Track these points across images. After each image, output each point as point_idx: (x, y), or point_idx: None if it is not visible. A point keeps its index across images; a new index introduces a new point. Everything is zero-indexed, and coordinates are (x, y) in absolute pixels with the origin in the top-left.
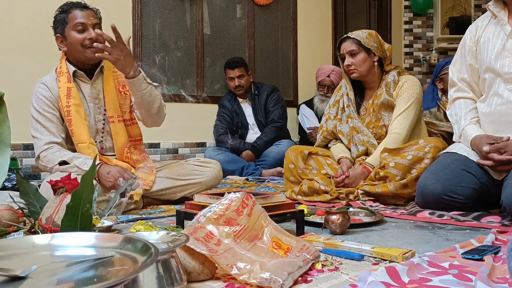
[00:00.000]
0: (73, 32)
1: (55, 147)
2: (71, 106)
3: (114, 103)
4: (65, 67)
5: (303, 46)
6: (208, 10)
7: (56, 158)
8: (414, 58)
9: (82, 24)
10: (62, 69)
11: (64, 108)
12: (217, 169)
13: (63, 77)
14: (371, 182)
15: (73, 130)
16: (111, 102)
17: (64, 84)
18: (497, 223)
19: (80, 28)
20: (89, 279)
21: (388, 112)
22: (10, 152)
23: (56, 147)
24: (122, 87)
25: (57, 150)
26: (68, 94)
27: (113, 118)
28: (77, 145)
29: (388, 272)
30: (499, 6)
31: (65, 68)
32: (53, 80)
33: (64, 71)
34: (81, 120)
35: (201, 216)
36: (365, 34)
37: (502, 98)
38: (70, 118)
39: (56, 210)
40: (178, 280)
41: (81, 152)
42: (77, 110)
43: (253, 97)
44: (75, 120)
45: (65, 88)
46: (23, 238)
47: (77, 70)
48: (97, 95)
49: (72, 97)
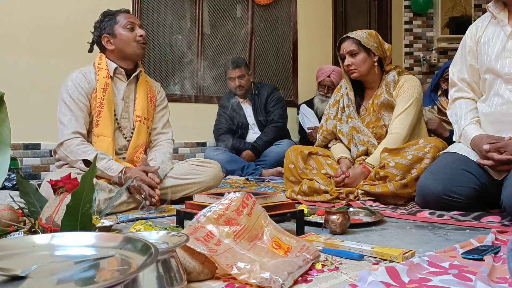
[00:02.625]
0: (123, 30)
1: (79, 138)
2: (105, 100)
3: (143, 107)
4: (105, 64)
5: (303, 46)
6: (208, 10)
7: (80, 153)
8: (414, 58)
9: (132, 23)
10: (101, 65)
11: (98, 100)
12: (217, 169)
13: (102, 72)
14: (371, 182)
15: (99, 122)
16: (141, 105)
17: (103, 79)
18: (497, 223)
19: (130, 27)
20: (89, 279)
21: (388, 112)
22: (10, 151)
23: (80, 139)
24: (152, 97)
25: (81, 142)
26: (105, 88)
27: (140, 118)
28: (98, 136)
29: (388, 272)
30: (499, 7)
31: (105, 65)
32: (92, 73)
33: (103, 67)
34: (110, 115)
35: (201, 216)
36: (365, 34)
37: (503, 98)
38: (101, 110)
39: (56, 210)
40: (178, 280)
41: (99, 145)
42: (109, 105)
43: (253, 97)
44: (105, 115)
45: (103, 82)
46: (23, 238)
47: (118, 67)
48: (129, 95)
49: (107, 92)
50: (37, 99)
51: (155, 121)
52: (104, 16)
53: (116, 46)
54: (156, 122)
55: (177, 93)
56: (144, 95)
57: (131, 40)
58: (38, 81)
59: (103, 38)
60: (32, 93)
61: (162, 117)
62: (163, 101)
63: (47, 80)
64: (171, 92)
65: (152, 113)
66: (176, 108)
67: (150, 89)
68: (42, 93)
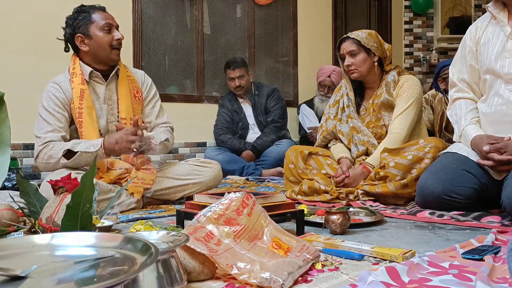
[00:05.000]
0: (100, 32)
1: (50, 144)
2: (83, 108)
3: (128, 106)
4: (79, 68)
5: (303, 46)
6: (208, 10)
7: (57, 151)
8: (414, 58)
9: (110, 25)
10: (75, 70)
11: (76, 110)
12: (217, 169)
13: (77, 78)
14: (371, 182)
15: (82, 132)
16: (124, 105)
17: (78, 86)
18: (497, 223)
19: (108, 29)
20: (89, 279)
21: (388, 112)
22: (10, 151)
23: (52, 143)
24: (137, 92)
25: (54, 145)
26: (81, 95)
27: (126, 121)
28: None
29: (388, 272)
30: (498, 7)
31: (79, 70)
32: (66, 81)
33: (77, 72)
34: (92, 122)
35: (201, 216)
36: (365, 34)
37: (503, 98)
38: (81, 120)
39: (56, 210)
40: (178, 280)
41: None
42: (89, 112)
43: (253, 97)
44: (86, 123)
45: (79, 89)
46: (23, 238)
47: (93, 71)
48: (111, 96)
49: (85, 99)
50: (37, 99)
51: (146, 115)
52: (78, 13)
53: (90, 48)
54: (148, 115)
55: (177, 93)
56: (126, 93)
57: (106, 43)
58: (38, 81)
59: (77, 37)
60: (32, 93)
61: (153, 108)
62: (150, 91)
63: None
64: (171, 92)
65: (140, 109)
66: (176, 108)
67: (132, 84)
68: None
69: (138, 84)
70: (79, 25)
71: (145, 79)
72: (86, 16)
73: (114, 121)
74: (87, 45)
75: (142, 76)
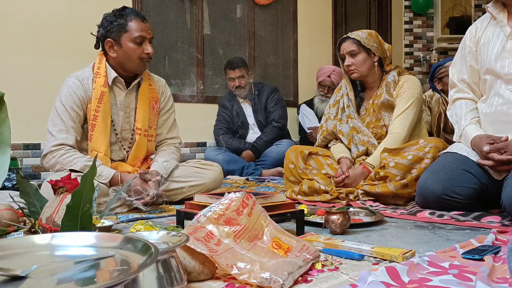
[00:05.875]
0: (131, 43)
1: (63, 149)
2: (99, 112)
3: (144, 117)
4: (104, 69)
5: (303, 46)
6: (208, 10)
7: (66, 163)
8: (414, 58)
9: (143, 38)
10: (100, 71)
11: (92, 111)
12: (218, 171)
13: (100, 79)
14: (371, 182)
15: (93, 136)
16: (141, 115)
17: (99, 87)
18: (497, 223)
19: (140, 42)
20: (89, 279)
21: (388, 112)
22: (10, 151)
23: (64, 149)
24: (155, 103)
25: (65, 152)
26: (101, 98)
27: (140, 131)
28: (92, 151)
29: (388, 272)
30: (498, 8)
31: (104, 71)
32: (89, 79)
33: (102, 73)
34: (104, 128)
35: (201, 216)
36: (365, 34)
37: (503, 98)
38: (95, 124)
39: (56, 210)
40: (178, 280)
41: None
42: (104, 117)
43: (253, 97)
44: (98, 127)
45: (99, 91)
46: (23, 238)
47: (117, 77)
48: (129, 104)
49: (103, 102)
50: (37, 99)
51: (159, 125)
52: (116, 17)
53: (118, 56)
54: (160, 127)
55: (177, 93)
56: (145, 104)
57: (136, 56)
58: (38, 81)
59: (107, 42)
60: (32, 93)
61: (167, 120)
62: (168, 102)
63: (47, 80)
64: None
65: (156, 120)
66: (176, 108)
67: (153, 94)
68: (42, 93)
69: (158, 94)
70: (112, 30)
71: (165, 89)
72: (122, 23)
73: (128, 129)
74: (115, 52)
75: (163, 86)
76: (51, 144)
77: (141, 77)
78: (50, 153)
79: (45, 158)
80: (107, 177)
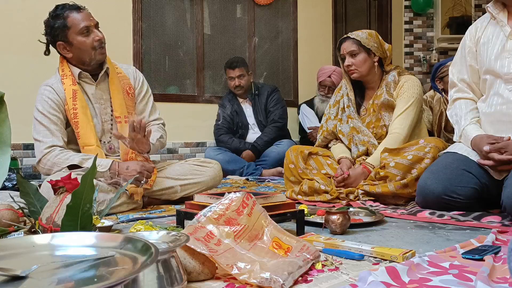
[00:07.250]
0: (79, 36)
1: (57, 149)
2: (77, 109)
3: (121, 104)
4: (68, 69)
5: (303, 46)
6: (208, 10)
7: (62, 161)
8: (414, 58)
9: (87, 27)
10: (65, 72)
11: (70, 110)
12: (217, 169)
13: (67, 79)
14: (371, 182)
15: (79, 133)
16: (118, 103)
17: (69, 87)
18: (497, 223)
19: (86, 32)
20: (89, 279)
21: (389, 112)
22: (10, 151)
23: (57, 149)
24: (129, 88)
25: (59, 152)
26: (74, 96)
27: (120, 119)
28: (84, 147)
29: (388, 272)
30: (498, 8)
31: (68, 70)
32: (58, 82)
33: (67, 74)
34: (88, 122)
35: (201, 216)
36: (365, 34)
37: (503, 98)
38: (77, 121)
39: (56, 210)
40: (178, 280)
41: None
42: (84, 112)
43: (253, 97)
44: (82, 123)
45: (71, 90)
46: (23, 238)
47: (82, 72)
48: (102, 95)
49: (78, 99)
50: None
51: (139, 112)
52: (54, 20)
53: (74, 54)
54: (142, 112)
55: (177, 93)
56: (118, 91)
57: (88, 46)
58: (38, 81)
59: (58, 45)
60: (32, 93)
61: (146, 104)
62: (143, 87)
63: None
64: (171, 92)
65: (133, 106)
66: (176, 108)
67: (124, 81)
68: None
69: (129, 80)
70: (57, 33)
71: (136, 75)
72: (62, 22)
73: (108, 120)
74: (70, 51)
75: (133, 72)
76: (42, 149)
77: (107, 67)
78: (43, 157)
79: (40, 164)
80: (106, 165)
